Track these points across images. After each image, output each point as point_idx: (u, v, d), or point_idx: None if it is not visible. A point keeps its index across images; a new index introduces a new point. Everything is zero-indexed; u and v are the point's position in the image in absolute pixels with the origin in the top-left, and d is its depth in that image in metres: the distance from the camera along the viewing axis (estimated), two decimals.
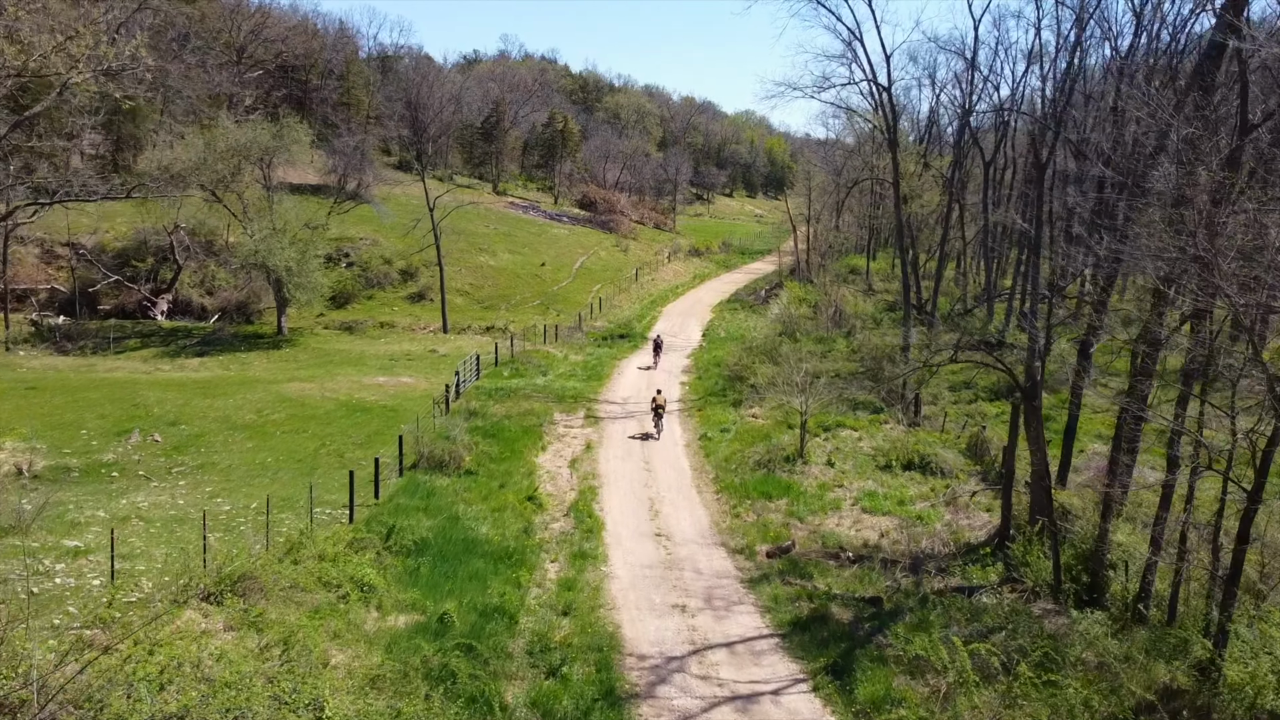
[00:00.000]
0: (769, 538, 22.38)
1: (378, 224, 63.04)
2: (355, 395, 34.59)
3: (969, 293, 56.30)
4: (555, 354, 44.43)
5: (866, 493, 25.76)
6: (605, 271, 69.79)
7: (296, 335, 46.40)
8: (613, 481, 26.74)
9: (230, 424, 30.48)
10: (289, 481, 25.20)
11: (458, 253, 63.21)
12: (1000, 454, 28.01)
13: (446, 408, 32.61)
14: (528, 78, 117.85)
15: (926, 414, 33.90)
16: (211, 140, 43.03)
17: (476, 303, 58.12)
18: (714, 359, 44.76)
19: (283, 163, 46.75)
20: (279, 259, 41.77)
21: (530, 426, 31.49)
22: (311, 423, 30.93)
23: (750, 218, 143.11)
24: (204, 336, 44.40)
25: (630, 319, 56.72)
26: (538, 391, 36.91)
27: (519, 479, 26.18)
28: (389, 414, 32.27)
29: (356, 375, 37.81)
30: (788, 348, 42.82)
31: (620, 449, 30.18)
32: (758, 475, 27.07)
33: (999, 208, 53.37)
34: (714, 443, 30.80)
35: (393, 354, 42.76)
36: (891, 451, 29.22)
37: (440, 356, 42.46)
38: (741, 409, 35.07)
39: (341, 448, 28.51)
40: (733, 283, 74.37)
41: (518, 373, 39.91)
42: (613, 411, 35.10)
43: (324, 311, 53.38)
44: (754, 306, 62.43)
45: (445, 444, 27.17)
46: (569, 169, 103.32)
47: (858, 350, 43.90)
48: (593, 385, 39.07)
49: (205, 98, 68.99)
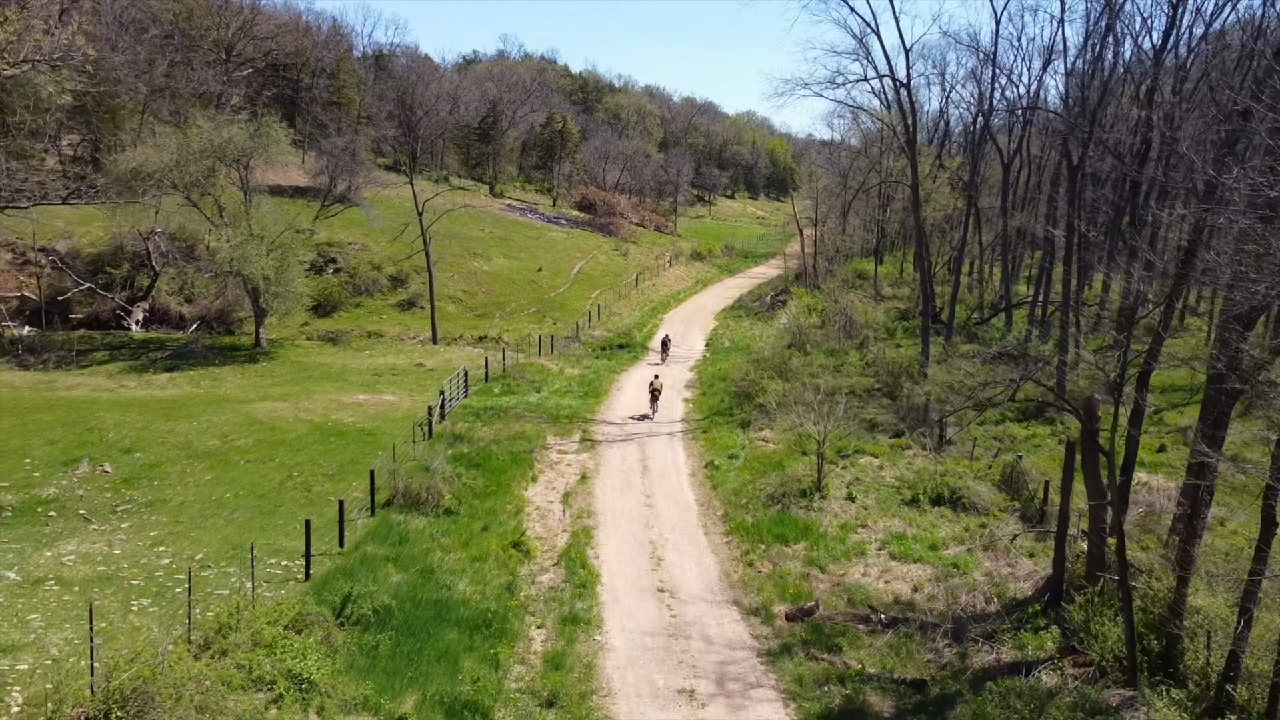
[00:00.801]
0: (788, 594, 19.40)
1: (368, 228, 60.02)
2: (332, 416, 31.60)
3: (984, 300, 53.24)
4: (550, 368, 41.46)
5: (894, 535, 22.78)
6: (604, 277, 66.79)
7: (276, 348, 43.40)
8: (610, 521, 23.77)
9: (191, 451, 27.51)
10: (245, 523, 22.23)
11: (450, 258, 60.23)
12: (1040, 488, 25.09)
13: (429, 432, 29.63)
14: (526, 77, 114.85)
15: (952, 438, 30.92)
16: (184, 141, 40.00)
17: (469, 310, 55.11)
18: (719, 372, 41.79)
19: (261, 164, 43.68)
20: (255, 267, 38.77)
21: (520, 453, 28.52)
22: (280, 450, 27.95)
23: (752, 220, 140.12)
24: (177, 349, 41.39)
25: (630, 327, 53.76)
26: (530, 411, 33.95)
27: (505, 519, 23.20)
28: (366, 439, 29.29)
29: (335, 393, 34.83)
30: (798, 361, 39.91)
31: (619, 479, 27.20)
32: (771, 513, 24.09)
33: (1018, 211, 50.36)
34: (722, 472, 27.82)
35: (377, 368, 39.77)
36: (918, 483, 26.26)
37: (427, 371, 39.47)
38: (750, 431, 32.09)
39: (310, 480, 25.53)
40: (736, 288, 71.40)
41: (509, 389, 36.94)
42: (610, 434, 32.12)
43: (308, 321, 50.38)
44: (759, 313, 59.46)
45: (423, 477, 24.20)
46: (568, 170, 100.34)
47: (872, 364, 40.90)
48: (589, 403, 36.09)
49: (191, 97, 65.99)
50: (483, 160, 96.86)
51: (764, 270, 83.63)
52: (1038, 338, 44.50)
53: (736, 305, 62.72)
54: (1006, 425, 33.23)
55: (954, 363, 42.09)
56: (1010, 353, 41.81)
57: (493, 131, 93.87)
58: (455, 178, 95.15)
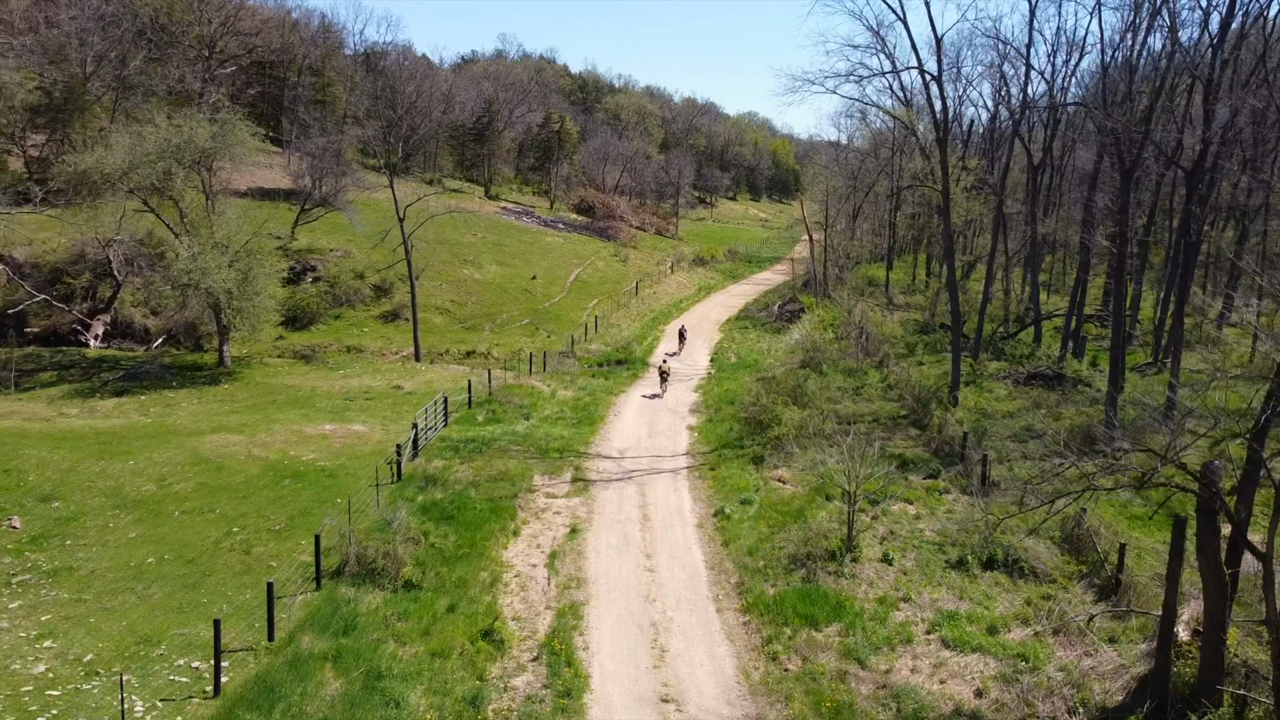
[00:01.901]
0: (824, 708, 15.35)
1: (352, 233, 56.00)
2: (290, 452, 27.55)
3: (1010, 312, 49.15)
4: (541, 389, 37.40)
5: (944, 614, 18.71)
6: (602, 284, 62.75)
7: (241, 367, 39.35)
8: (604, 592, 19.72)
9: (119, 499, 23.49)
10: (162, 601, 18.21)
11: (439, 265, 56.23)
12: (1112, 550, 21.02)
13: (397, 473, 25.60)
14: (523, 76, 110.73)
15: (995, 477, 26.80)
16: (137, 141, 35.92)
17: (458, 322, 51.07)
18: (726, 393, 37.75)
19: (227, 166, 39.62)
20: (217, 280, 34.73)
21: (502, 499, 24.48)
22: (223, 497, 23.92)
23: (754, 222, 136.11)
24: (131, 368, 37.35)
25: (629, 340, 49.70)
26: (516, 443, 29.91)
27: (477, 593, 19.15)
28: (326, 481, 25.26)
29: (299, 423, 30.77)
30: (814, 384, 35.85)
31: (615, 532, 23.16)
32: (795, 581, 20.06)
33: (1047, 216, 46.32)
34: (734, 523, 23.75)
35: (349, 391, 35.72)
36: (963, 540, 22.22)
37: (404, 395, 35.42)
38: (764, 469, 28.02)
39: (252, 537, 21.50)
40: (741, 295, 67.36)
41: (494, 416, 32.88)
42: (606, 471, 28.07)
43: (283, 335, 46.35)
44: (766, 324, 55.41)
45: (382, 539, 20.19)
46: (566, 172, 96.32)
47: (895, 386, 36.82)
48: (583, 432, 32.04)
49: (167, 94, 61.95)
50: (478, 162, 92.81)
51: (769, 276, 79.63)
52: (1073, 355, 40.43)
53: (742, 315, 58.68)
54: (1054, 462, 29.08)
55: (985, 384, 38.15)
56: (1045, 373, 37.80)
57: (488, 132, 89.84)
58: (449, 180, 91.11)
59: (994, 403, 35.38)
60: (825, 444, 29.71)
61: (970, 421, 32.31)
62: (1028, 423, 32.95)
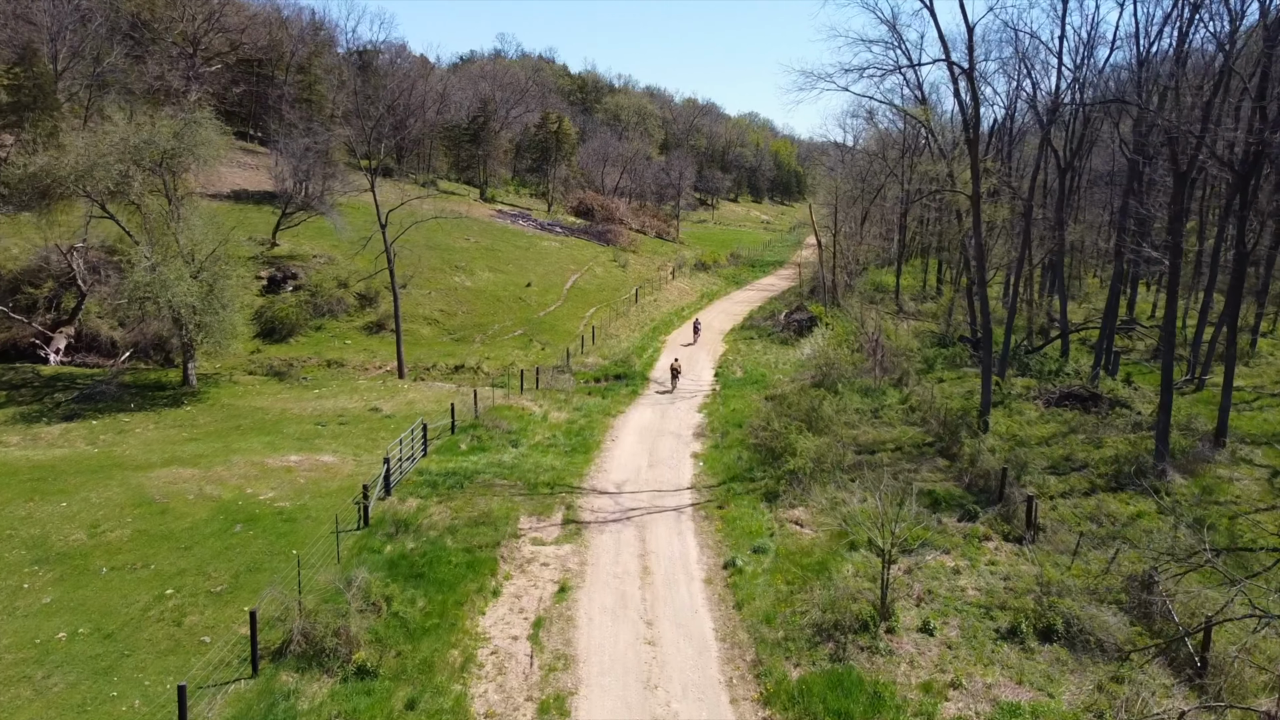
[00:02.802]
0: None
1: (337, 239, 52.78)
2: (247, 490, 24.33)
3: (1034, 324, 45.87)
4: (532, 411, 34.19)
5: (1004, 708, 15.50)
6: (601, 292, 59.51)
7: (209, 386, 36.12)
8: (596, 676, 16.49)
9: (42, 551, 20.29)
10: (62, 695, 15.00)
11: (429, 272, 53.01)
12: (1193, 620, 17.78)
13: (365, 518, 22.38)
14: (521, 76, 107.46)
15: (1040, 520, 23.52)
16: (92, 142, 32.67)
17: (447, 333, 47.83)
18: (733, 414, 34.57)
19: (191, 167, 36.37)
20: (177, 293, 31.49)
21: (481, 549, 21.28)
22: (163, 547, 20.71)
23: (756, 224, 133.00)
24: (88, 389, 34.13)
25: (628, 352, 46.47)
26: (502, 476, 26.70)
27: (444, 680, 15.92)
28: (283, 527, 22.04)
29: (262, 452, 27.54)
30: (829, 406, 32.59)
31: (611, 591, 19.94)
32: (822, 659, 16.85)
33: (1076, 221, 43.06)
34: (747, 578, 20.52)
35: (322, 414, 32.46)
36: (1013, 603, 19.01)
37: (383, 419, 32.18)
38: (778, 507, 24.80)
39: (188, 602, 18.29)
40: (745, 302, 64.17)
41: (479, 444, 29.66)
42: (602, 510, 24.84)
43: (260, 348, 43.11)
44: (773, 334, 52.22)
45: (333, 609, 17.01)
46: (564, 173, 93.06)
47: (917, 408, 33.59)
48: (577, 462, 28.82)
49: (145, 93, 58.70)
50: (473, 163, 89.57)
51: (773, 281, 76.49)
52: (1105, 372, 37.19)
53: (747, 324, 55.46)
54: (1100, 499, 25.86)
55: (1013, 405, 34.90)
56: (1079, 393, 34.57)
57: (483, 133, 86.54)
58: (444, 181, 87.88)
59: (1026, 427, 32.13)
60: (846, 478, 26.60)
61: (1003, 450, 29.09)
62: (1066, 451, 29.73)
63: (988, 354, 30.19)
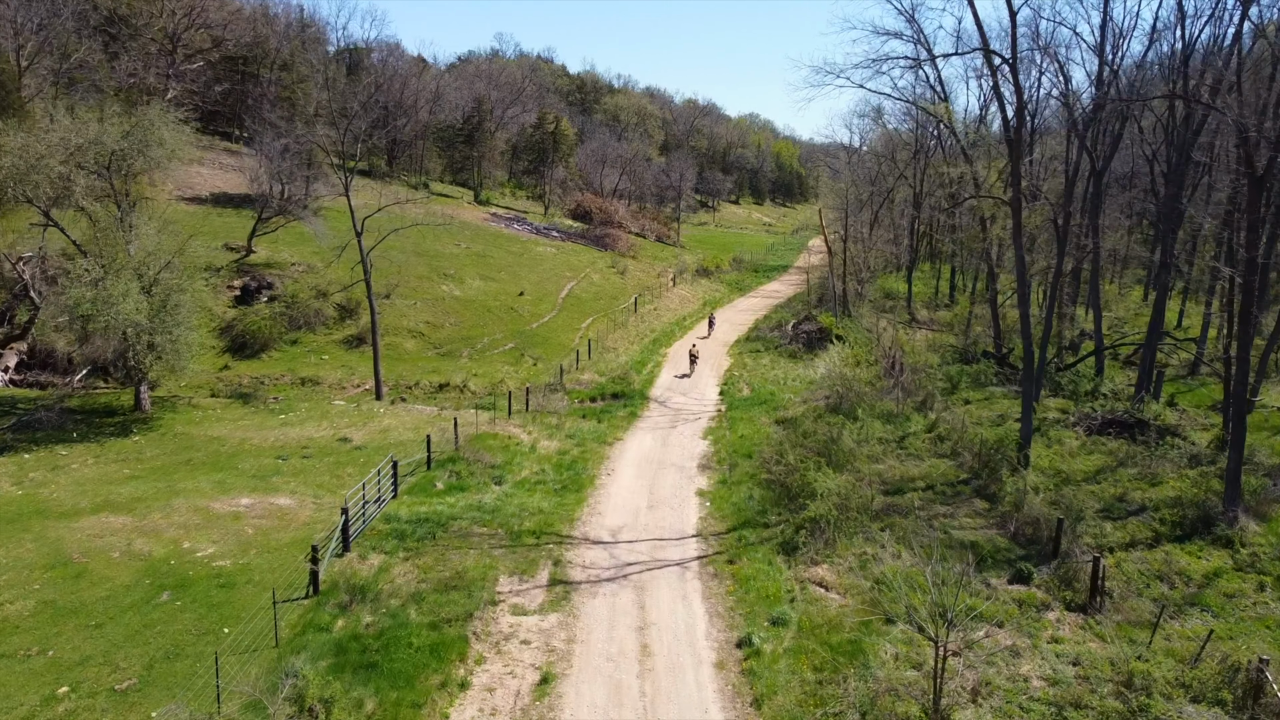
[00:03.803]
0: None
1: (318, 245, 49.24)
2: (184, 544, 20.81)
3: (1064, 338, 42.28)
4: (520, 438, 30.67)
5: None
6: (598, 300, 55.98)
7: (164, 411, 32.59)
8: None
9: None
10: None
11: (415, 280, 49.49)
12: None
13: (315, 584, 18.84)
14: (517, 75, 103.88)
15: (1108, 585, 19.94)
16: (29, 142, 29.12)
17: (432, 347, 44.28)
18: (741, 442, 31.07)
19: (145, 170, 32.81)
20: (123, 311, 27.95)
21: (450, 623, 17.77)
22: (69, 624, 17.19)
23: (758, 226, 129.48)
24: (26, 415, 30.59)
25: (627, 368, 42.91)
26: (482, 522, 23.19)
27: None
28: (218, 595, 18.52)
29: (210, 494, 24.02)
30: (849, 436, 29.05)
31: (603, 682, 16.42)
32: None
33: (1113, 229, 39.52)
34: (766, 663, 16.99)
35: (285, 445, 28.92)
36: (1090, 701, 15.53)
37: (353, 450, 28.66)
38: (798, 562, 21.29)
39: (83, 705, 14.79)
40: (750, 310, 60.60)
41: (458, 482, 26.13)
42: (594, 566, 21.32)
43: (229, 364, 39.59)
44: (781, 347, 48.68)
45: None
46: (561, 175, 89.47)
47: (945, 437, 30.05)
48: (568, 503, 25.29)
49: (117, 91, 55.13)
50: (467, 164, 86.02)
51: (778, 287, 72.91)
52: (1149, 395, 33.64)
53: (753, 336, 51.91)
54: (1166, 551, 22.30)
55: (1051, 432, 31.37)
56: (1125, 419, 31.03)
57: (477, 133, 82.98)
58: (437, 184, 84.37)
59: (1068, 459, 28.61)
60: (875, 527, 23.08)
61: (1047, 488, 25.56)
62: (1118, 489, 26.20)
63: (1029, 381, 26.65)
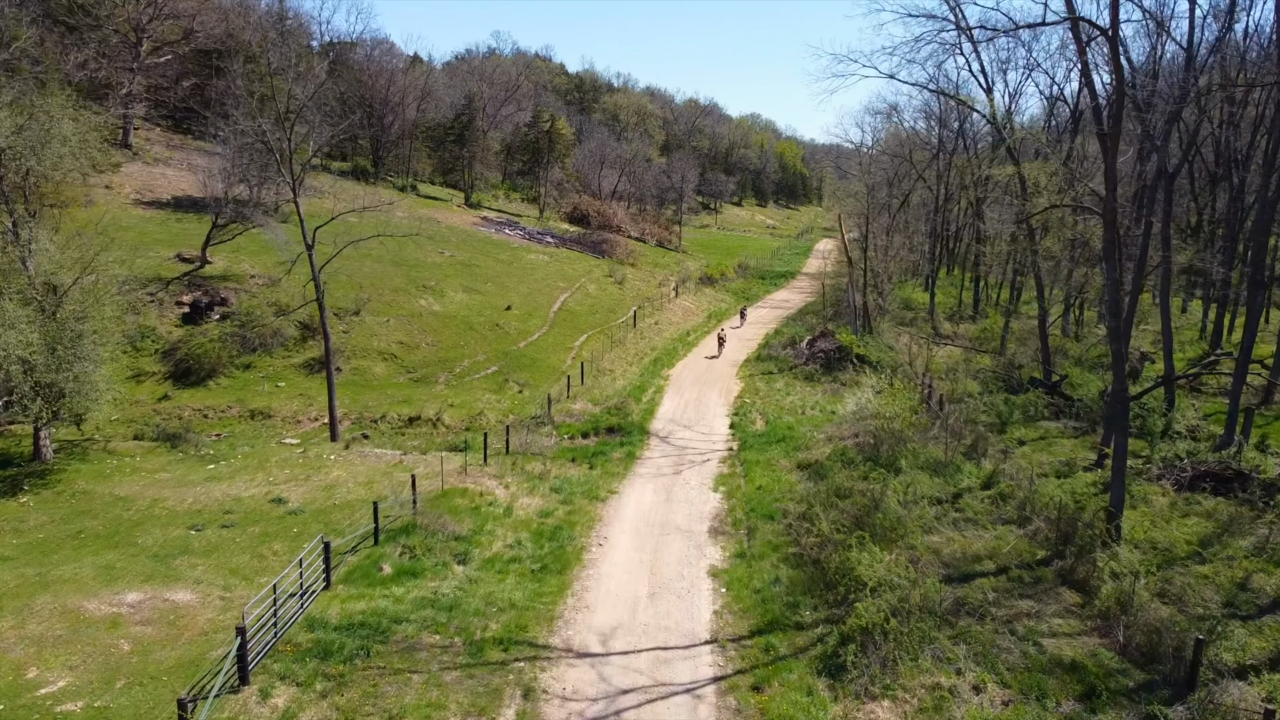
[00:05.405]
0: None
1: (282, 256, 43.71)
2: (26, 675, 15.29)
3: None
4: (495, 495, 25.15)
5: None
6: (594, 314, 50.46)
7: (71, 459, 27.07)
8: None
9: None
10: None
11: (390, 294, 43.99)
12: None
13: None
14: (512, 72, 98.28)
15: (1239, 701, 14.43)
16: None
17: (405, 371, 38.75)
18: (760, 495, 25.58)
19: (43, 171, 27.23)
20: (10, 343, 22.44)
21: None
22: None
23: (762, 229, 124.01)
24: None
25: (625, 395, 37.38)
26: (435, 627, 17.67)
27: None
28: None
29: (89, 587, 18.51)
30: (894, 495, 23.49)
31: None
32: None
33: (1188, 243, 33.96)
34: None
35: (205, 509, 23.40)
36: None
37: (285, 515, 23.11)
38: (846, 694, 15.76)
39: None
40: (758, 323, 55.08)
41: (411, 562, 20.59)
42: (579, 697, 15.77)
43: (168, 394, 34.06)
44: (795, 367, 43.19)
45: None
46: (558, 176, 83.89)
47: (1008, 495, 24.50)
48: (548, 590, 19.76)
49: (66, 83, 49.52)
50: (457, 165, 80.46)
51: (786, 296, 67.47)
52: (1240, 437, 28.05)
53: (763, 354, 46.37)
54: None
55: (1132, 487, 25.76)
56: (1220, 472, 25.47)
57: (468, 132, 77.40)
58: (426, 185, 78.79)
59: (1163, 526, 23.06)
60: (943, 636, 17.50)
61: (1148, 569, 19.99)
62: (1235, 571, 20.64)
63: (1122, 433, 21.09)
